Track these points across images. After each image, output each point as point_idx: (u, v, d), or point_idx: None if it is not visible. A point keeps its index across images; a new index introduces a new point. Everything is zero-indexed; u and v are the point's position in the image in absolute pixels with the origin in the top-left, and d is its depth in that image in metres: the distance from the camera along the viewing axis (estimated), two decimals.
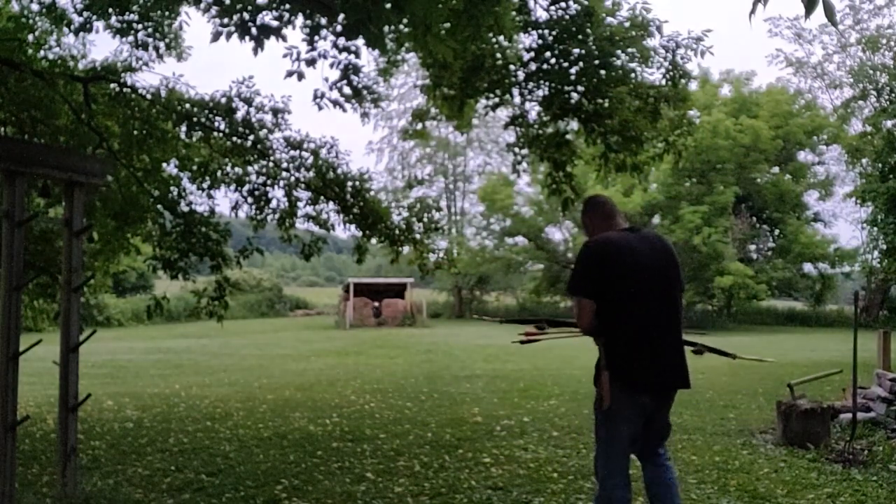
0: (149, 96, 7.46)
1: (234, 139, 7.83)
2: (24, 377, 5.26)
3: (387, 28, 4.80)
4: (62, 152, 4.89)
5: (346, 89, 6.25)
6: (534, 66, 6.53)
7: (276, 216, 8.16)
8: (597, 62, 6.25)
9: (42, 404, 8.49)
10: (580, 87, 6.50)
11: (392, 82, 22.58)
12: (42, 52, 7.48)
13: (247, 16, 4.73)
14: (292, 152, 8.15)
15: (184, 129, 7.57)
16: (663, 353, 3.15)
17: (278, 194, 8.18)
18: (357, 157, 75.79)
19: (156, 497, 4.52)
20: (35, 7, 7.09)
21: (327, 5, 4.69)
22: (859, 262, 29.27)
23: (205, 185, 7.98)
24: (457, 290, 38.96)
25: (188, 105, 7.56)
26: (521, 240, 37.13)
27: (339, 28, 5.10)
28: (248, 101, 7.76)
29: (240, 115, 7.70)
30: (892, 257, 15.38)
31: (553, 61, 6.42)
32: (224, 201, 14.53)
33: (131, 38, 7.00)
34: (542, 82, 6.60)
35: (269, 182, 8.15)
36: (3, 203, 3.97)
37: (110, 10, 6.44)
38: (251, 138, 7.82)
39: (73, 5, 6.58)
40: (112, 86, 7.47)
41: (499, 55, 6.49)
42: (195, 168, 7.91)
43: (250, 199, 8.08)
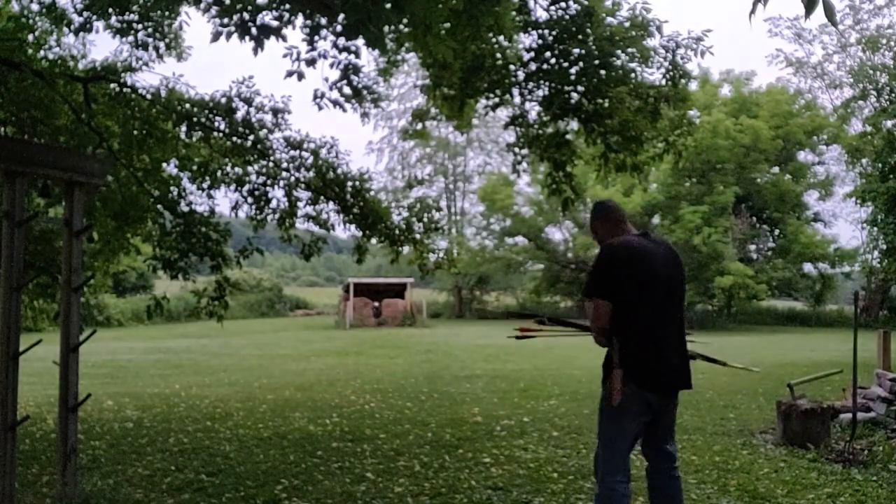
0: (149, 96, 7.46)
1: (234, 139, 7.83)
2: (24, 377, 5.26)
3: (387, 28, 4.80)
4: (62, 152, 4.89)
5: (346, 89, 6.25)
6: (534, 66, 6.53)
7: (276, 216, 8.17)
8: (597, 62, 6.25)
9: (42, 404, 8.49)
10: (580, 87, 6.50)
11: (392, 82, 22.60)
12: (42, 52, 7.48)
13: (247, 16, 4.73)
14: (292, 152, 8.15)
15: (184, 129, 7.57)
16: (670, 355, 3.28)
17: (278, 194, 8.19)
18: (357, 157, 75.84)
19: (156, 497, 4.52)
20: (35, 7, 7.09)
21: (327, 5, 4.69)
22: (859, 262, 29.24)
23: (205, 185, 7.99)
24: (457, 290, 38.98)
25: (188, 105, 7.56)
26: (521, 240, 37.16)
27: (339, 28, 5.10)
28: (248, 101, 7.76)
29: (240, 115, 7.71)
30: (892, 257, 15.36)
31: (553, 61, 6.42)
32: (224, 201, 14.56)
33: (131, 38, 7.00)
34: (542, 82, 6.60)
35: (269, 182, 8.15)
36: (3, 203, 3.97)
37: (110, 10, 6.44)
38: (251, 138, 7.82)
39: (73, 5, 6.58)
40: (112, 86, 7.47)
41: (499, 55, 6.49)
42: (195, 168, 7.92)
43: (250, 199, 8.09)
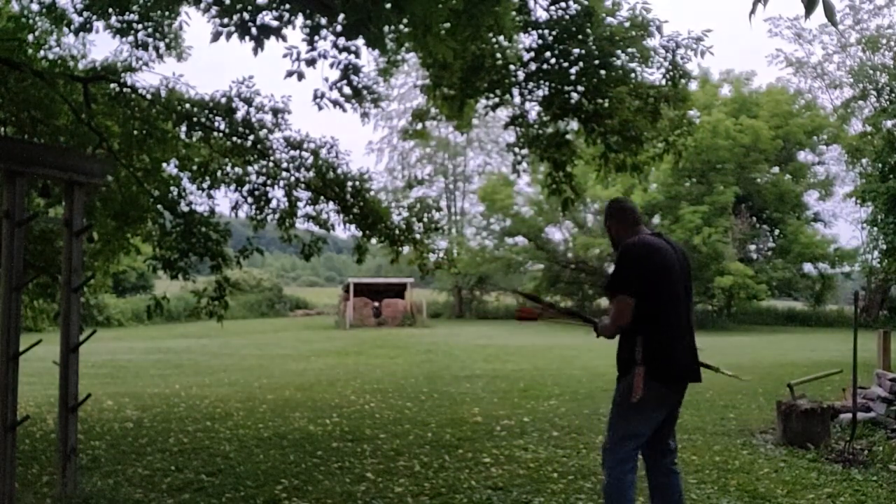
0: (149, 96, 7.46)
1: (234, 139, 7.83)
2: (24, 377, 5.26)
3: (387, 28, 4.80)
4: (62, 152, 4.89)
5: (346, 89, 6.25)
6: (534, 66, 6.52)
7: (276, 216, 8.16)
8: (597, 62, 6.25)
9: (42, 404, 8.49)
10: (580, 87, 6.50)
11: (392, 82, 22.60)
12: (42, 52, 7.47)
13: (247, 16, 4.73)
14: (292, 152, 8.14)
15: (184, 129, 7.56)
16: (684, 350, 3.39)
17: (278, 194, 8.19)
18: (357, 157, 75.85)
19: (156, 497, 4.52)
20: (35, 7, 7.09)
21: (327, 5, 4.69)
22: (859, 262, 29.26)
23: (205, 185, 7.98)
24: (457, 290, 38.97)
25: (188, 105, 7.55)
26: (521, 240, 37.15)
27: (339, 28, 5.10)
28: (248, 101, 7.76)
29: (240, 115, 7.70)
30: (892, 257, 15.37)
31: (553, 61, 6.42)
32: (224, 201, 14.55)
33: (131, 38, 7.00)
34: (542, 82, 6.60)
35: (269, 182, 8.15)
36: (3, 203, 3.97)
37: (110, 10, 6.44)
38: (251, 138, 7.82)
39: (73, 5, 6.58)
40: (112, 86, 7.46)
41: (499, 55, 6.49)
42: (195, 168, 7.91)
43: (250, 199, 8.08)
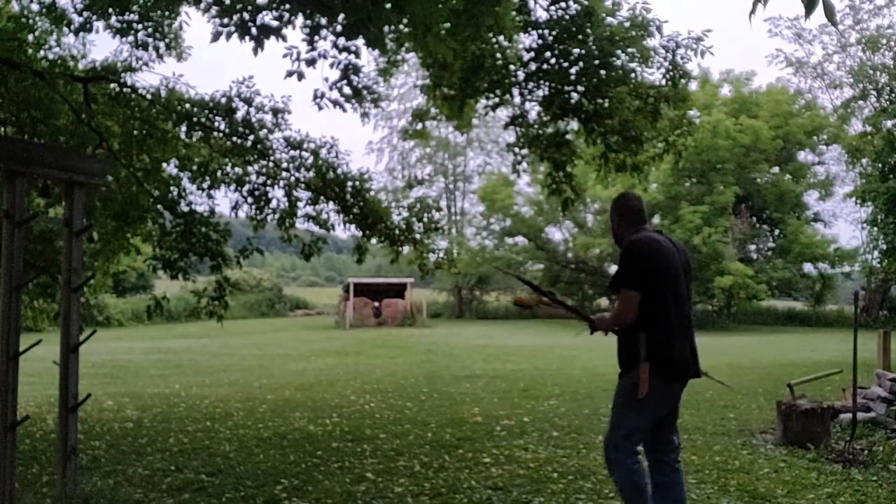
0: (149, 96, 7.46)
1: (234, 139, 7.83)
2: (24, 377, 5.26)
3: (387, 28, 4.80)
4: (62, 152, 4.89)
5: (346, 89, 6.26)
6: (534, 66, 6.53)
7: (276, 216, 8.16)
8: (597, 62, 6.25)
9: (42, 404, 8.49)
10: (580, 87, 6.50)
11: (392, 82, 22.59)
12: (42, 52, 7.47)
13: (247, 16, 4.74)
14: (292, 152, 8.15)
15: (184, 129, 7.56)
16: (685, 345, 3.44)
17: (278, 194, 8.19)
18: (357, 157, 75.82)
19: (156, 497, 4.52)
20: (35, 7, 7.09)
21: (327, 5, 4.70)
22: (859, 262, 29.25)
23: (205, 185, 7.98)
24: (457, 290, 38.98)
25: (188, 105, 7.55)
26: (521, 240, 37.17)
27: (339, 28, 5.11)
28: (248, 101, 7.76)
29: (240, 115, 7.71)
30: (892, 257, 15.35)
31: (553, 61, 6.42)
32: (224, 201, 14.55)
33: (131, 38, 7.01)
34: (542, 82, 6.61)
35: (269, 182, 8.15)
36: (3, 203, 3.97)
37: (110, 10, 6.44)
38: (251, 138, 7.82)
39: (73, 5, 6.58)
40: (112, 86, 7.47)
41: (499, 55, 6.49)
42: (195, 168, 7.91)
43: (250, 199, 8.08)
